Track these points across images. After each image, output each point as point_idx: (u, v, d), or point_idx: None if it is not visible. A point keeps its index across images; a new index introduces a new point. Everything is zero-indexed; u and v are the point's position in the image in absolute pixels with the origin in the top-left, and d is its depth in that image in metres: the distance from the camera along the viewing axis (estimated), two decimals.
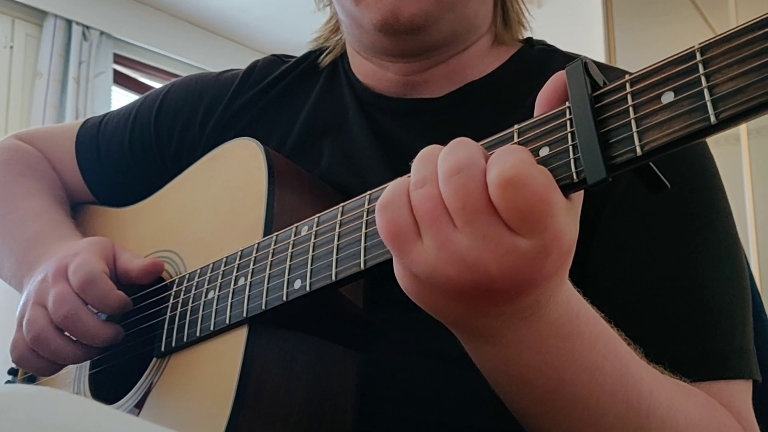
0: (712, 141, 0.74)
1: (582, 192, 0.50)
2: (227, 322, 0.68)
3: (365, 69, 0.88)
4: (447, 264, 0.48)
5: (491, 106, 0.80)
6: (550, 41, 0.90)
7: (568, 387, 0.56)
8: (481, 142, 0.52)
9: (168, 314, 0.76)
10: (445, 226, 0.48)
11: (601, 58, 3.48)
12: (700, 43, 0.43)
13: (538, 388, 0.57)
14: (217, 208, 0.79)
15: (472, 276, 0.48)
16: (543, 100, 0.52)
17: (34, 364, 0.78)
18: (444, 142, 0.52)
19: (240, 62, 1.00)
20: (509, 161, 0.46)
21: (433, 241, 0.48)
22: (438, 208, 0.48)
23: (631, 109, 0.46)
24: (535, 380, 0.56)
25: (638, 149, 0.45)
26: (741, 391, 0.68)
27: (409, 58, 0.82)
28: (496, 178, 0.46)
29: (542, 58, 0.85)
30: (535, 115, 0.52)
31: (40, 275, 0.78)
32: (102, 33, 4.35)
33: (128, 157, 0.99)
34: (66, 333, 0.76)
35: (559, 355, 0.55)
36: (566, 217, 0.48)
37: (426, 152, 0.51)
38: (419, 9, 0.74)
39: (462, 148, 0.49)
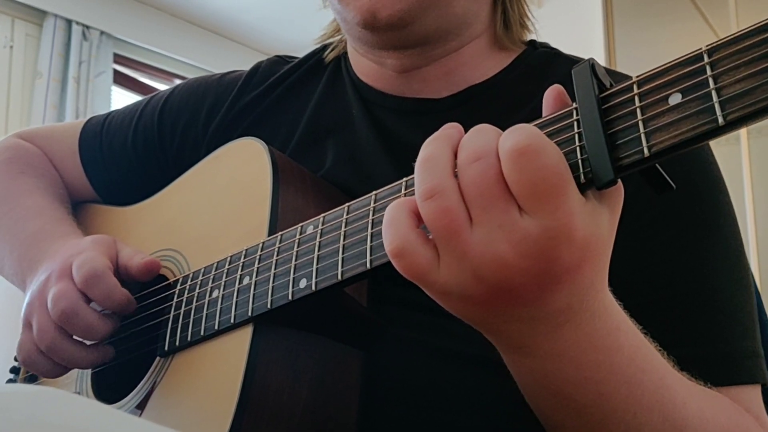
0: (712, 141, 0.75)
1: (620, 201, 0.50)
2: (232, 321, 0.68)
3: (364, 67, 0.88)
4: (470, 277, 0.48)
5: (494, 109, 0.81)
6: (550, 41, 0.89)
7: (607, 401, 0.56)
8: None
9: (172, 313, 0.76)
10: (462, 236, 0.47)
11: (601, 58, 3.48)
12: (708, 45, 0.44)
13: (576, 402, 0.56)
14: (220, 207, 0.79)
15: (495, 277, 0.48)
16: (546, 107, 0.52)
17: (42, 367, 0.78)
18: None
19: (241, 62, 1.00)
20: (523, 133, 0.46)
21: (451, 258, 0.48)
22: (453, 223, 0.47)
23: (638, 110, 0.46)
24: (574, 394, 0.56)
25: (646, 150, 0.45)
26: (756, 396, 0.69)
27: (398, 50, 0.82)
28: (510, 148, 0.46)
29: (545, 62, 0.85)
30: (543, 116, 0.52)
31: (44, 275, 0.78)
32: (102, 33, 4.35)
33: (131, 155, 0.99)
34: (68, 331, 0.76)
35: (599, 368, 0.54)
36: (580, 205, 0.47)
37: (428, 157, 0.50)
38: (396, 9, 0.75)
39: (482, 135, 0.49)
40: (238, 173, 0.79)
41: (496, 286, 0.48)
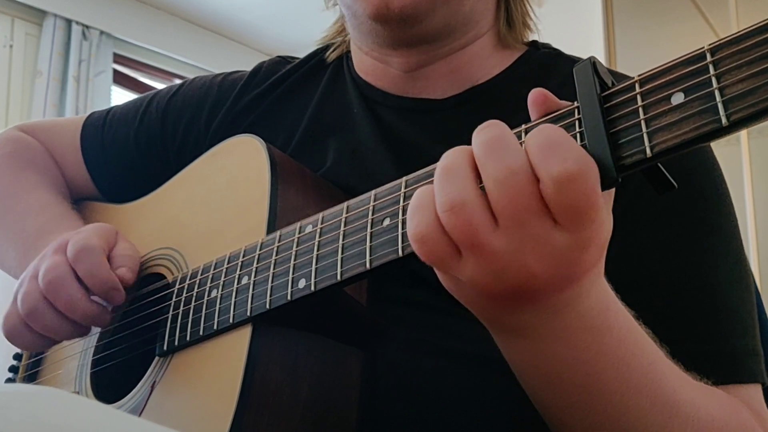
0: (713, 142, 0.75)
1: (613, 190, 0.50)
2: (231, 321, 0.68)
3: (368, 66, 0.88)
4: (491, 276, 0.48)
5: (496, 108, 0.81)
6: (550, 40, 0.90)
7: (595, 381, 0.56)
8: None
9: (170, 313, 0.76)
10: (486, 244, 0.47)
11: (601, 58, 3.47)
12: (710, 44, 0.43)
13: (565, 382, 0.57)
14: (219, 205, 0.79)
15: (517, 281, 0.48)
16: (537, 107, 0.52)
17: (25, 339, 0.78)
18: (449, 142, 0.52)
19: (240, 62, 1.00)
20: (570, 157, 0.45)
21: (475, 259, 0.48)
22: (476, 234, 0.47)
23: (640, 109, 0.46)
24: (562, 373, 0.56)
25: (648, 150, 0.45)
26: (756, 394, 0.69)
27: (406, 47, 0.82)
28: (558, 174, 0.45)
29: (547, 62, 0.85)
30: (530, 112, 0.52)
31: (41, 254, 0.79)
32: (102, 32, 4.36)
33: (133, 151, 0.99)
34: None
35: (588, 349, 0.55)
36: (605, 211, 0.48)
37: (449, 166, 0.49)
38: (409, 0, 0.75)
39: (508, 147, 0.48)
40: (237, 171, 0.78)
41: (516, 287, 0.49)
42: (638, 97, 0.46)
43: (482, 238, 0.47)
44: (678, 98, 0.44)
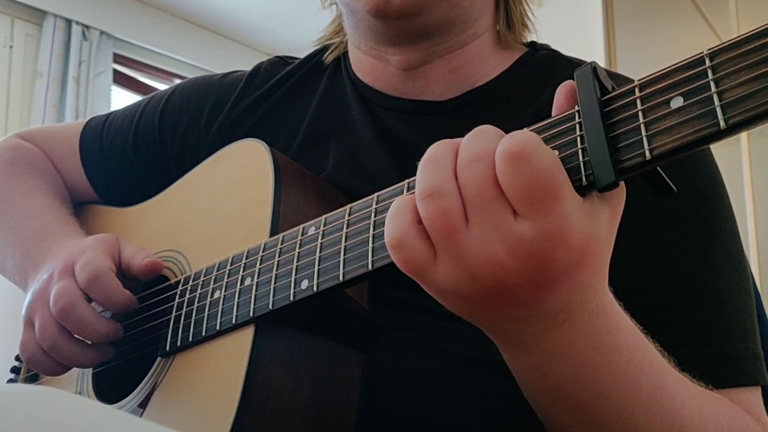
0: (712, 144, 0.75)
1: (621, 200, 0.50)
2: (233, 321, 0.68)
3: (366, 66, 0.88)
4: (467, 277, 0.48)
5: (496, 111, 0.81)
6: (550, 41, 0.90)
7: (604, 400, 0.56)
8: None
9: (173, 313, 0.76)
10: (458, 234, 0.48)
11: (601, 58, 3.48)
12: (709, 49, 0.44)
13: (573, 400, 0.57)
14: (222, 208, 0.79)
15: (491, 277, 0.48)
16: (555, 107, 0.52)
17: (46, 366, 0.78)
18: None
19: (241, 62, 1.00)
20: (517, 138, 0.46)
21: (449, 258, 0.48)
22: (450, 222, 0.48)
23: (640, 113, 0.46)
24: (571, 392, 0.56)
25: (647, 153, 0.45)
26: (756, 397, 0.69)
27: (405, 44, 0.82)
28: (502, 152, 0.46)
29: (546, 64, 0.85)
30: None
31: (46, 273, 0.78)
32: (102, 32, 4.36)
33: (131, 156, 0.99)
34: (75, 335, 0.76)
35: (595, 367, 0.55)
36: (576, 207, 0.47)
37: (431, 157, 0.50)
38: None
39: (483, 136, 0.49)
40: (240, 174, 0.79)
41: (492, 286, 0.49)
42: (638, 101, 0.46)
43: (455, 227, 0.47)
44: (677, 102, 0.44)
